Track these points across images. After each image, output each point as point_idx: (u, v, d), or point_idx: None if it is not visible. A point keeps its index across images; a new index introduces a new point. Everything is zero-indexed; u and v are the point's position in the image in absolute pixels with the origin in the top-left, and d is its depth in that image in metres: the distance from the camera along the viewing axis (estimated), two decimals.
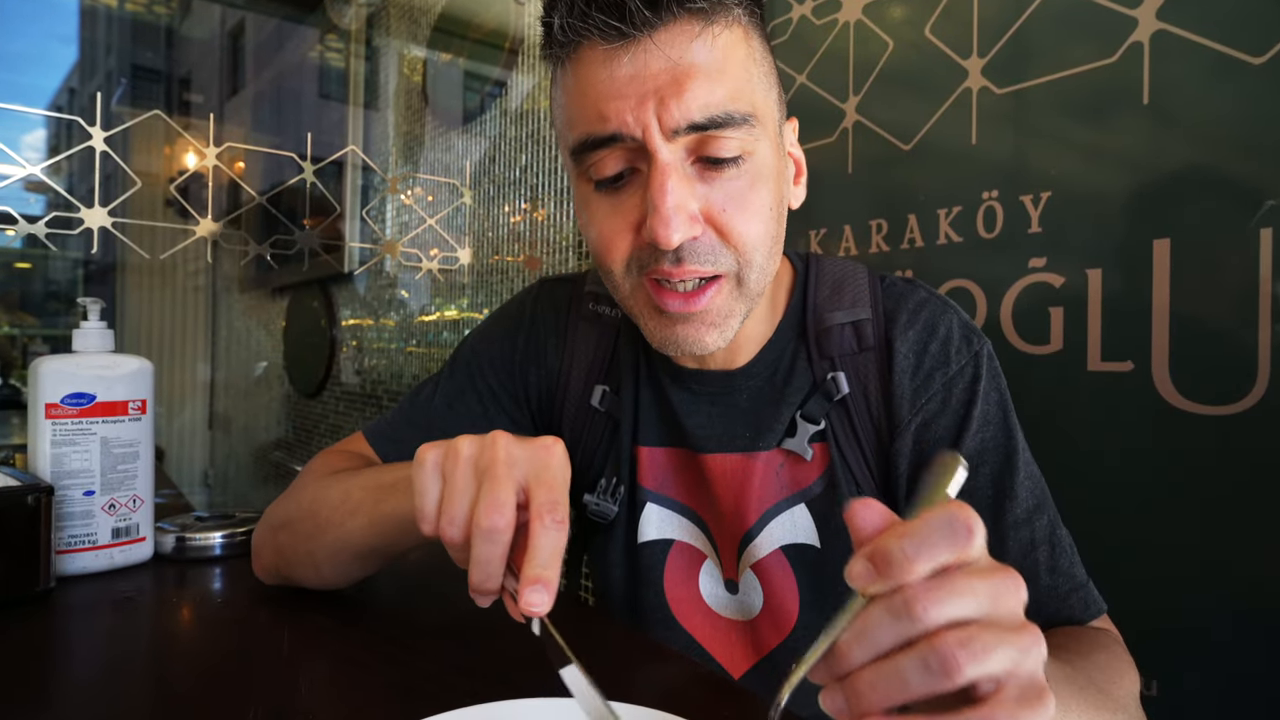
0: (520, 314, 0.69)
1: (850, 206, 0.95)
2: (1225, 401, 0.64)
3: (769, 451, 0.58)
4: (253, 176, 2.54)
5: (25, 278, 4.03)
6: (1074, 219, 0.74)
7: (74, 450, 0.66)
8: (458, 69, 1.73)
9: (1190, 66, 0.67)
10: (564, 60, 0.50)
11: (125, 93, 3.69)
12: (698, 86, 0.46)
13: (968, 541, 0.28)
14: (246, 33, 3.21)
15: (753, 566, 0.58)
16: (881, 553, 0.28)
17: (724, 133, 0.47)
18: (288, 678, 0.48)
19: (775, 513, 0.57)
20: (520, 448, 0.39)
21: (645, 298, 0.52)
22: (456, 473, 0.38)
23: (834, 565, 0.57)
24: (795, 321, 0.60)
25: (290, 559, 0.58)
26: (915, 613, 0.27)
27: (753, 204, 0.49)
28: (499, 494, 0.36)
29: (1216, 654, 0.64)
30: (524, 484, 0.37)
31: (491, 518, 0.36)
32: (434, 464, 0.39)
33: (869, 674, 0.28)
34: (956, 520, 0.28)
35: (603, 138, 0.48)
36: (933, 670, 0.27)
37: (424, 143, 1.88)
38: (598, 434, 0.64)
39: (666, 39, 0.46)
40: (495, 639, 0.54)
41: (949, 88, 0.84)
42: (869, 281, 0.60)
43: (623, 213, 0.50)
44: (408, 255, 1.73)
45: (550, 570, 0.35)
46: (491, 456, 0.38)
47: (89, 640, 0.55)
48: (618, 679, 0.50)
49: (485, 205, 1.65)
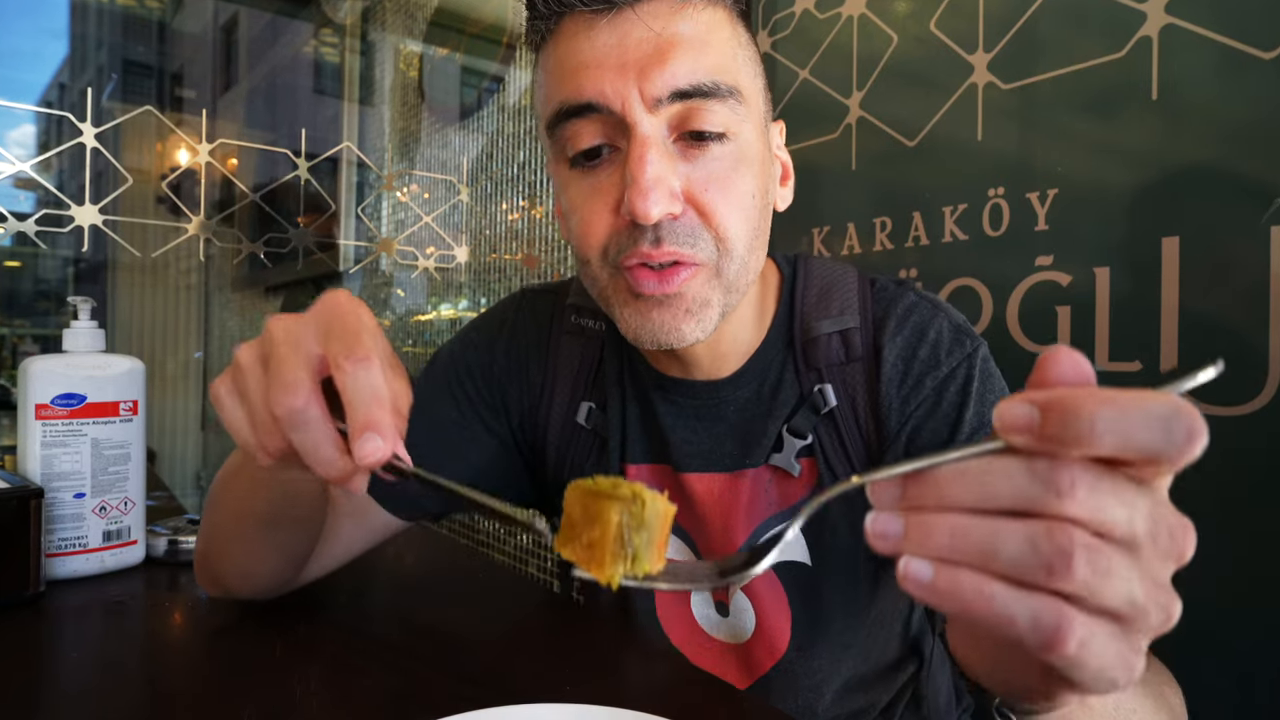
0: (501, 325, 0.66)
1: (854, 204, 0.94)
2: (1236, 402, 0.63)
3: (756, 468, 0.55)
4: (246, 173, 2.52)
5: (14, 276, 3.99)
6: (1081, 216, 0.73)
7: (64, 452, 0.65)
8: (454, 64, 1.71)
9: (1200, 61, 0.66)
10: (546, 37, 0.49)
11: (116, 88, 3.65)
12: (682, 55, 0.45)
13: (1188, 442, 0.21)
14: (240, 27, 3.18)
15: (743, 588, 0.56)
16: (1063, 402, 0.22)
17: (709, 104, 0.46)
18: (281, 683, 0.47)
19: (764, 530, 0.55)
20: (300, 319, 0.36)
21: (623, 285, 0.49)
22: (249, 383, 0.36)
23: (826, 584, 0.55)
24: (784, 329, 0.57)
25: (209, 551, 0.56)
26: (1059, 482, 0.22)
27: (735, 187, 0.47)
28: (284, 375, 0.34)
29: (1228, 657, 0.64)
30: (319, 352, 0.35)
31: (283, 402, 0.33)
32: (228, 390, 0.37)
33: (955, 518, 0.23)
34: (1181, 413, 0.21)
35: (578, 105, 0.46)
36: (1039, 552, 0.21)
37: (420, 139, 1.86)
38: (585, 453, 0.62)
39: (650, 10, 0.45)
40: (494, 643, 0.53)
41: (954, 83, 0.83)
42: (858, 286, 0.58)
43: (601, 193, 0.48)
44: (403, 253, 1.72)
45: (374, 411, 0.33)
46: (270, 344, 0.35)
47: (79, 645, 0.54)
48: (611, 679, 0.49)
49: (482, 203, 1.64)
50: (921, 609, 0.62)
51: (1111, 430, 0.21)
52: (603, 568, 0.30)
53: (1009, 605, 0.22)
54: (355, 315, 0.36)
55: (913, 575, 0.23)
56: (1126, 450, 0.21)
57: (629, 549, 0.30)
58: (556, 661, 0.52)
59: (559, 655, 0.53)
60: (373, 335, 0.35)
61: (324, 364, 0.34)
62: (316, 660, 0.51)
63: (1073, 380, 0.23)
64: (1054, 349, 0.24)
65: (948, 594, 0.23)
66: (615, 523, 0.30)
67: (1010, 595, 0.22)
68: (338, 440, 0.34)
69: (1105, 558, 0.22)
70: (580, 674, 0.49)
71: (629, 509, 0.30)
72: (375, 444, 0.32)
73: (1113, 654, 0.23)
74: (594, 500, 0.31)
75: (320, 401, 0.34)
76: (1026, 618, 0.22)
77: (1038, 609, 0.22)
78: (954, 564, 0.23)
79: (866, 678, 0.58)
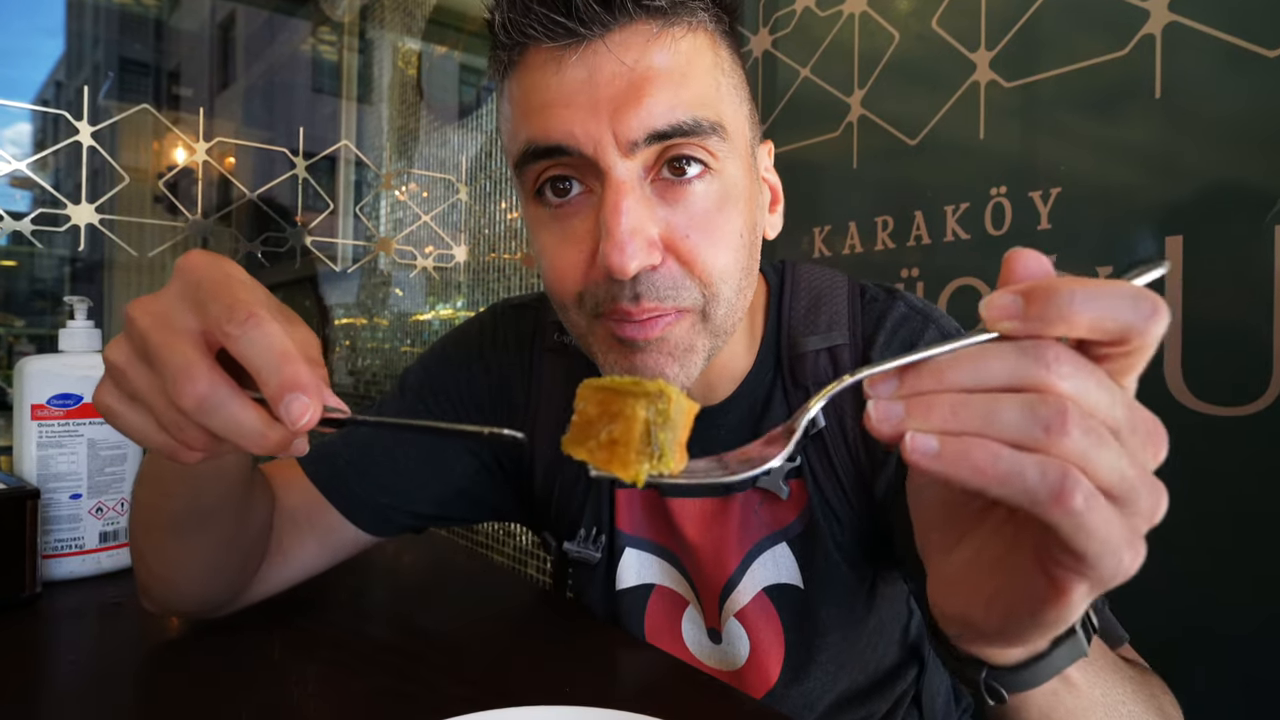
0: (479, 343, 0.63)
1: (855, 203, 0.94)
2: (1240, 402, 0.63)
3: (745, 492, 0.54)
4: (243, 172, 2.51)
5: (10, 276, 3.98)
6: (1084, 216, 0.73)
7: (60, 452, 0.65)
8: (453, 62, 1.71)
9: (1203, 60, 0.66)
10: (509, 68, 0.46)
11: (112, 86, 3.64)
12: (659, 92, 0.41)
13: (1151, 317, 0.23)
14: (237, 25, 3.17)
15: (736, 615, 0.55)
16: (1042, 287, 0.24)
17: (689, 143, 0.42)
18: (278, 684, 0.47)
19: (757, 553, 0.54)
20: (160, 296, 0.32)
21: (603, 331, 0.46)
22: (138, 384, 0.32)
23: (817, 608, 0.54)
24: (772, 347, 0.55)
25: (137, 568, 0.52)
26: (1046, 357, 0.23)
27: (720, 228, 0.44)
28: (173, 363, 0.30)
29: (1232, 657, 0.63)
30: (197, 325, 0.31)
31: (186, 391, 0.30)
32: (116, 399, 0.33)
33: (952, 396, 0.24)
34: (1145, 294, 0.24)
35: (547, 147, 0.43)
36: (1036, 414, 0.23)
37: (419, 138, 1.85)
38: (574, 478, 0.59)
39: (621, 41, 0.41)
40: (492, 645, 0.53)
41: (956, 81, 0.83)
42: (848, 296, 0.55)
43: (574, 240, 0.44)
44: (402, 253, 1.71)
45: (286, 369, 0.30)
46: (142, 335, 0.31)
47: (76, 647, 0.53)
48: (609, 680, 0.49)
49: (482, 202, 1.63)
50: (919, 614, 0.61)
51: (1087, 306, 0.23)
52: (627, 466, 0.28)
53: (1017, 462, 0.23)
54: (220, 272, 0.32)
55: (920, 448, 0.24)
56: (1102, 324, 0.23)
57: (654, 447, 0.28)
58: (555, 663, 0.52)
59: (558, 657, 0.53)
60: (248, 288, 0.32)
61: (209, 336, 0.31)
62: (313, 661, 0.51)
63: (1037, 273, 0.25)
64: (1014, 251, 0.26)
65: (955, 459, 0.24)
66: (642, 419, 0.28)
67: (1015, 455, 0.23)
68: (259, 412, 0.31)
69: (1096, 427, 0.23)
70: (579, 675, 0.49)
71: (655, 405, 0.28)
72: (302, 403, 0.30)
73: (1116, 530, 0.23)
74: (614, 397, 0.29)
75: (224, 378, 0.31)
76: (1035, 471, 0.23)
77: (1043, 462, 0.23)
78: (957, 434, 0.24)
79: (864, 690, 0.57)
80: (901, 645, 0.59)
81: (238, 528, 0.50)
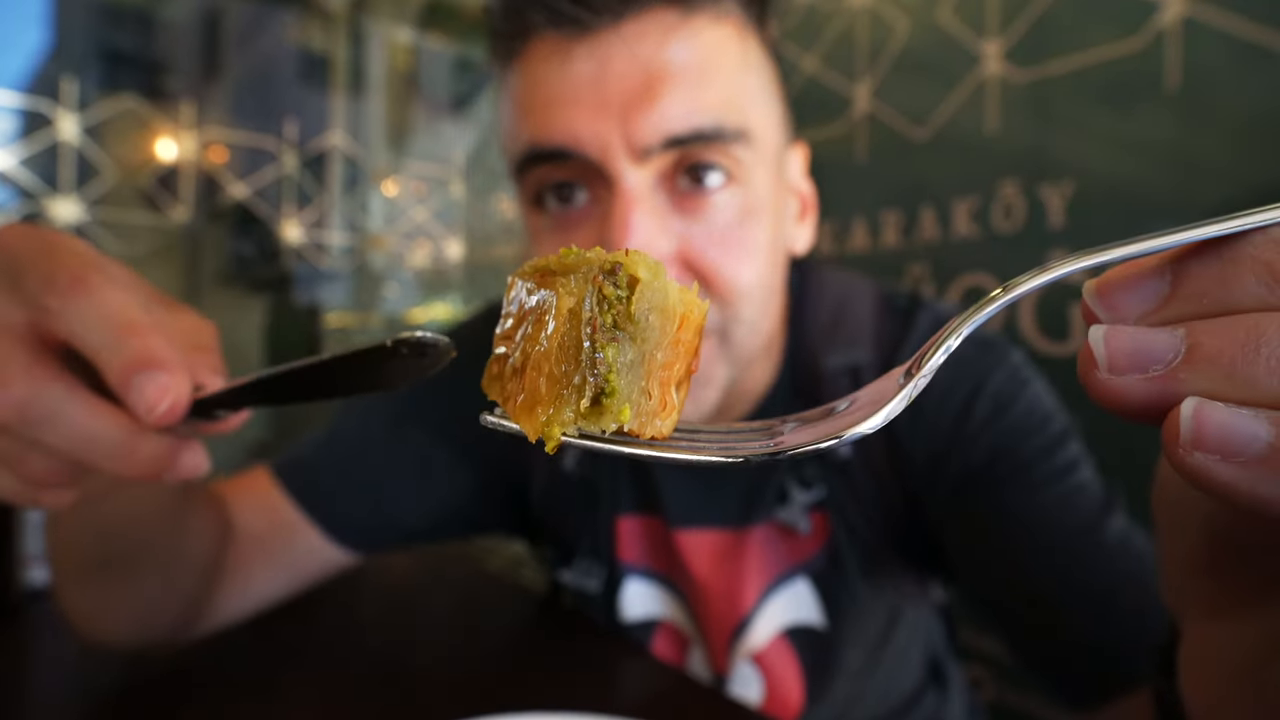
0: (469, 357, 0.61)
1: (862, 198, 0.93)
2: None
3: (764, 526, 0.49)
4: (233, 166, 2.48)
5: None
6: (1097, 211, 0.72)
7: None
8: (448, 54, 1.68)
9: (1220, 52, 0.65)
10: (511, 59, 0.42)
11: (99, 78, 3.58)
12: (675, 93, 0.37)
13: None
14: (227, 15, 3.13)
15: (753, 657, 0.51)
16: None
17: (710, 150, 0.38)
18: (271, 694, 0.46)
19: (773, 590, 0.50)
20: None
21: None
22: None
23: (840, 648, 0.49)
24: (792, 364, 0.51)
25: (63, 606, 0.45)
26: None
27: (744, 242, 0.40)
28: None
29: None
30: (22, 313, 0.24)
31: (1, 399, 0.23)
32: None
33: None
34: None
35: (549, 150, 0.39)
36: None
37: (412, 131, 1.83)
38: (572, 503, 0.55)
39: (636, 33, 0.37)
40: (487, 653, 0.53)
41: (966, 73, 0.82)
42: (874, 306, 0.51)
43: None
44: (394, 249, 1.69)
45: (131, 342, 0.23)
46: None
47: (62, 658, 0.52)
48: (605, 688, 0.47)
49: (477, 197, 1.61)
50: (944, 627, 0.58)
51: None
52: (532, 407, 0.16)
53: None
54: (41, 241, 0.25)
55: (1229, 436, 0.13)
56: None
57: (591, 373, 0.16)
58: (551, 671, 0.51)
59: (553, 665, 0.52)
60: (78, 255, 0.25)
61: (37, 327, 0.25)
62: (306, 670, 0.50)
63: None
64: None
65: None
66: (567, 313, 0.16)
67: None
68: (117, 416, 0.24)
69: None
70: (574, 684, 0.48)
71: (599, 289, 0.16)
72: (158, 381, 0.23)
73: None
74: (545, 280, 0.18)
75: (58, 375, 0.24)
76: None
77: None
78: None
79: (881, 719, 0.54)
80: (922, 666, 0.55)
81: (173, 564, 0.43)
